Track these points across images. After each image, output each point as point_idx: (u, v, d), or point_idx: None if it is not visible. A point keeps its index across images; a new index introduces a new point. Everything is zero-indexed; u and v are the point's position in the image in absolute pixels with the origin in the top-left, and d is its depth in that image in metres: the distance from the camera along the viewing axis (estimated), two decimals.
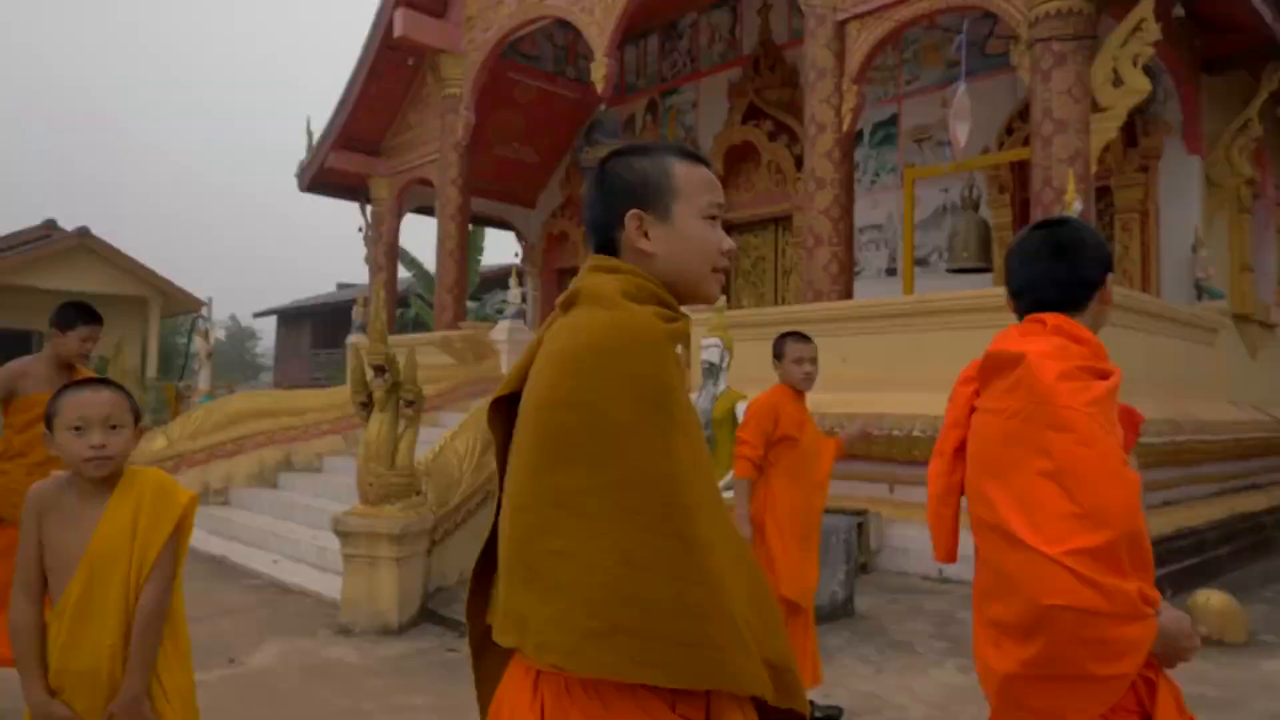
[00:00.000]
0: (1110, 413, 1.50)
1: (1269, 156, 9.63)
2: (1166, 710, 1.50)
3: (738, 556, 1.25)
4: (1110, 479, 1.43)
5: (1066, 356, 1.55)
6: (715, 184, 1.38)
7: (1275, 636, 5.01)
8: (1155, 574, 1.52)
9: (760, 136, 10.76)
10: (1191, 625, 1.48)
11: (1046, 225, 1.75)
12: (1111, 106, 6.54)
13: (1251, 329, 9.04)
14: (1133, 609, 1.40)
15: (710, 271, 1.35)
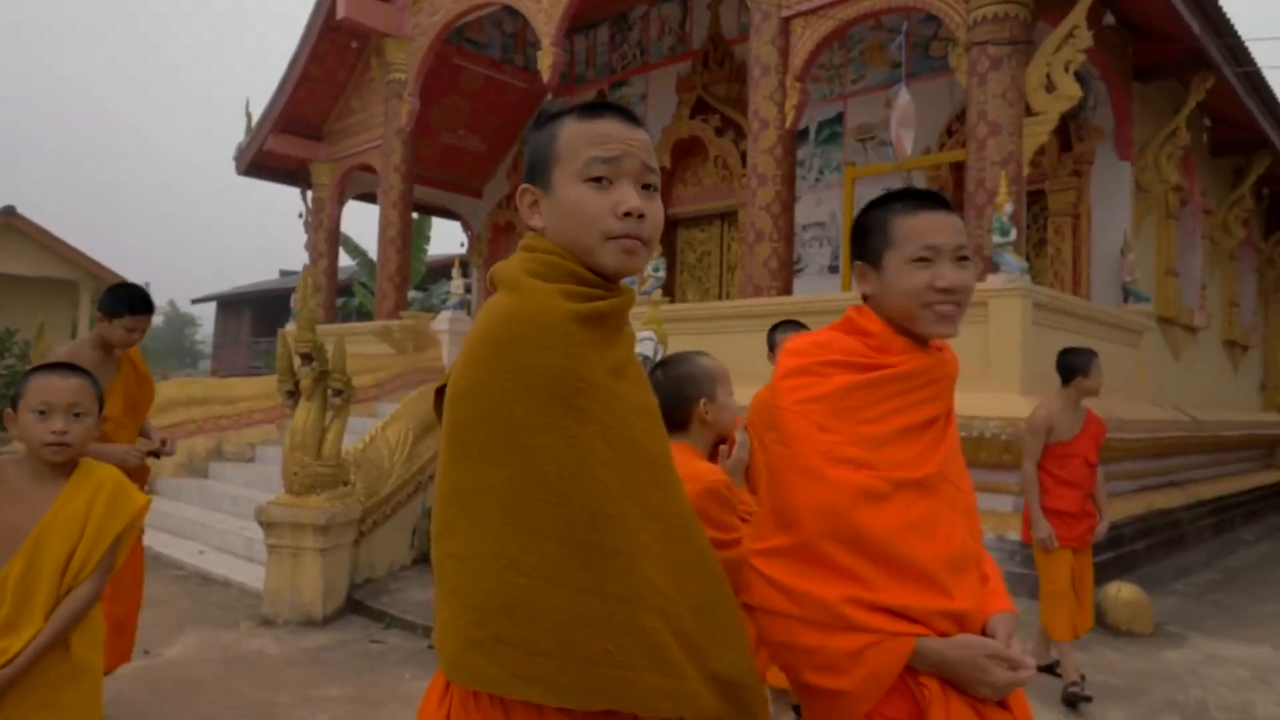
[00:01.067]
0: (848, 408, 1.39)
1: (1196, 164, 9.95)
2: None
3: (672, 563, 1.12)
4: (803, 479, 1.36)
5: (812, 352, 1.46)
6: (607, 135, 1.17)
7: (1180, 628, 5.19)
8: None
9: (708, 131, 10.78)
10: (992, 654, 1.29)
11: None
12: (1044, 111, 6.68)
13: (1175, 331, 9.33)
14: (831, 618, 1.30)
15: (603, 239, 1.16)
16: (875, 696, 1.30)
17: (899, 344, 1.45)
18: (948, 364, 1.49)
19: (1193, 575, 7.01)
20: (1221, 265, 10.97)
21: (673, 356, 2.14)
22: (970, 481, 1.51)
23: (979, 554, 1.45)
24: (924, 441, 1.42)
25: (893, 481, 1.36)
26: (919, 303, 1.42)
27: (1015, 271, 6.28)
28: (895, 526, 1.33)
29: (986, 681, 1.29)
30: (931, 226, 1.44)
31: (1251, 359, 12.26)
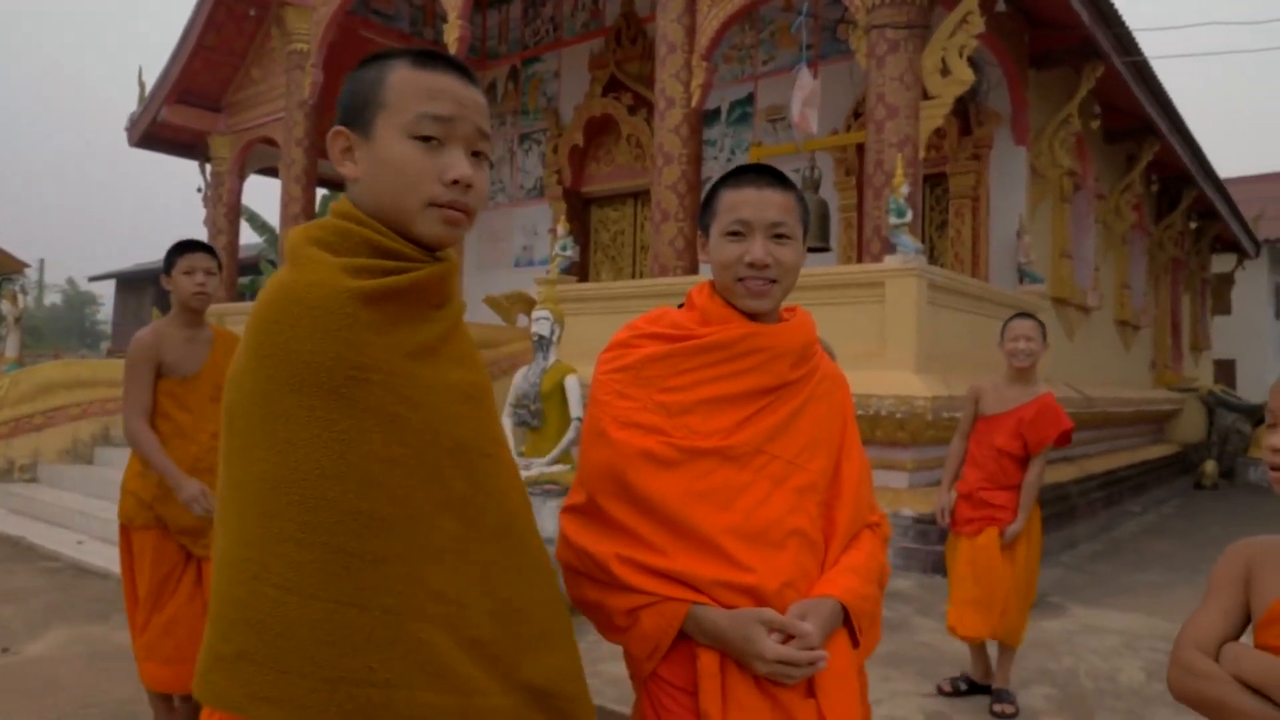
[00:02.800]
0: (649, 376, 1.40)
1: (1089, 150, 10.30)
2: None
3: (480, 565, 1.05)
4: (593, 440, 1.40)
5: (639, 326, 1.49)
6: (443, 91, 1.09)
7: (1061, 598, 5.40)
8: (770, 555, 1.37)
9: (620, 110, 10.69)
10: (764, 621, 1.28)
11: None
12: (940, 95, 6.80)
13: (1069, 312, 9.68)
14: (604, 575, 1.32)
15: (424, 206, 1.08)
16: (653, 657, 1.32)
17: (718, 316, 1.45)
18: (777, 336, 1.44)
19: (1079, 547, 7.30)
20: (1114, 248, 11.41)
21: None
22: (828, 462, 1.46)
23: (828, 534, 1.44)
24: (737, 412, 1.40)
25: (684, 449, 1.35)
26: (732, 276, 1.43)
27: (911, 252, 6.39)
28: (680, 492, 1.33)
29: (756, 653, 1.27)
30: (747, 201, 1.42)
31: (1142, 338, 12.82)
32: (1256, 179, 22.13)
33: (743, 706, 1.29)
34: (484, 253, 12.41)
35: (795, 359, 1.45)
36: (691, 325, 1.45)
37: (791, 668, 1.28)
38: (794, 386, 1.45)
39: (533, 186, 11.95)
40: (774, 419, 1.41)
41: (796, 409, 1.44)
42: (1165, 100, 10.32)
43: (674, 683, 1.32)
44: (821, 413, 1.47)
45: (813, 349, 1.50)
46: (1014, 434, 3.64)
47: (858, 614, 1.38)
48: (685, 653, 1.31)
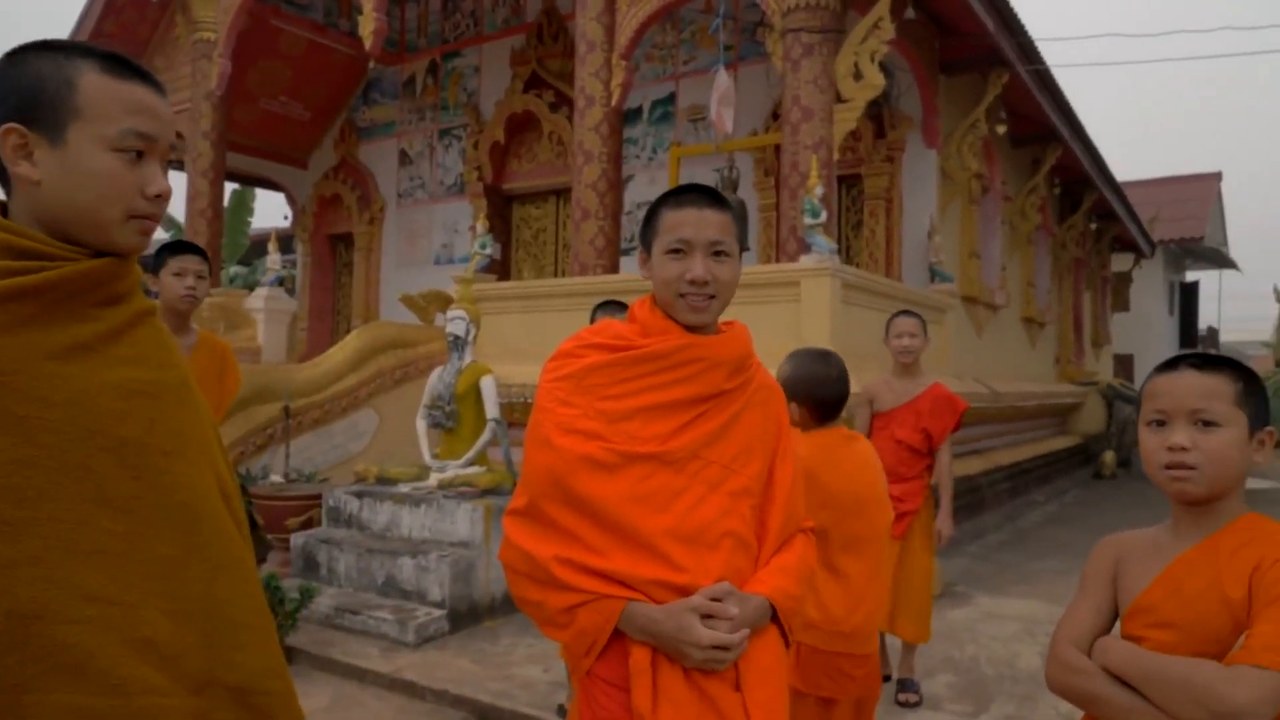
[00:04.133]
0: (591, 385, 1.48)
1: (996, 154, 10.67)
2: (640, 702, 1.37)
3: (153, 563, 1.02)
4: (537, 447, 1.48)
5: (583, 337, 1.57)
6: (148, 107, 1.10)
7: (967, 587, 5.59)
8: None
9: (542, 107, 10.62)
10: (695, 608, 1.36)
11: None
12: (852, 99, 6.94)
13: (977, 309, 10.01)
14: (544, 575, 1.41)
15: (125, 218, 1.09)
16: (590, 653, 1.41)
17: (657, 328, 1.54)
18: (713, 347, 1.53)
19: (986, 537, 7.57)
20: (1020, 248, 11.85)
21: None
22: (762, 467, 1.55)
23: (760, 537, 1.52)
24: (675, 419, 1.48)
25: (623, 454, 1.43)
26: (674, 292, 1.52)
27: (825, 252, 6.52)
28: (619, 496, 1.41)
29: (691, 640, 1.35)
30: (687, 221, 1.51)
31: (1047, 335, 13.36)
32: (1152, 183, 23.27)
33: (672, 700, 1.36)
34: (403, 250, 12.19)
35: (731, 369, 1.53)
36: (632, 336, 1.54)
37: (723, 652, 1.36)
38: (730, 395, 1.53)
39: (453, 183, 11.78)
40: (710, 426, 1.50)
41: (732, 416, 1.52)
42: (1066, 107, 10.76)
43: (609, 679, 1.41)
44: (756, 420, 1.55)
45: (749, 360, 1.58)
46: (914, 427, 3.79)
47: (786, 612, 1.47)
48: (620, 650, 1.40)
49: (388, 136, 12.45)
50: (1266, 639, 1.22)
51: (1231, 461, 1.33)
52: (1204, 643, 1.30)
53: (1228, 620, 1.29)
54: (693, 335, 1.52)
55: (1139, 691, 1.31)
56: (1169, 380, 1.38)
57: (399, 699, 3.82)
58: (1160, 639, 1.34)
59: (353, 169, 12.63)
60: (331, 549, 5.10)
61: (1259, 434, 1.35)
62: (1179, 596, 1.34)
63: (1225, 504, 1.37)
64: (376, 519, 5.25)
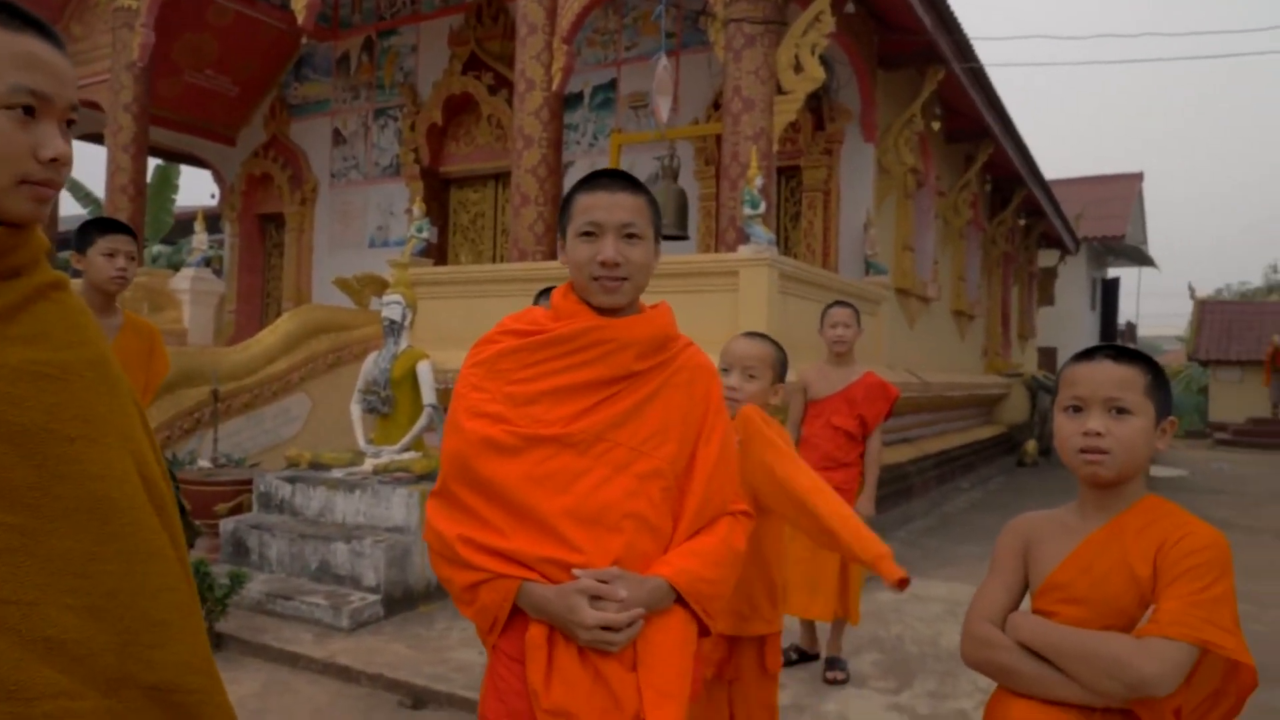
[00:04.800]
0: (501, 369, 1.52)
1: (931, 149, 10.91)
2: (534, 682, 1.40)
3: (59, 560, 0.96)
4: (450, 431, 1.53)
5: (505, 323, 1.60)
6: (42, 62, 1.00)
7: None
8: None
9: (481, 89, 10.48)
10: (583, 590, 1.38)
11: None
12: (793, 90, 7.03)
13: (910, 302, 10.26)
14: (452, 554, 1.46)
15: (15, 184, 1.00)
16: (493, 630, 1.46)
17: (568, 312, 1.56)
18: (622, 329, 1.52)
19: (914, 523, 7.79)
20: (952, 242, 12.17)
21: None
22: (679, 450, 1.54)
23: (678, 519, 1.52)
24: (581, 401, 1.50)
25: (524, 436, 1.46)
26: (587, 275, 1.53)
27: (763, 242, 6.60)
28: (519, 477, 1.44)
29: (578, 621, 1.37)
30: (598, 204, 1.52)
31: (976, 327, 13.75)
32: (1077, 181, 24.12)
33: (566, 677, 1.38)
34: (336, 232, 11.93)
35: (642, 350, 1.53)
36: (546, 322, 1.57)
37: (612, 633, 1.37)
38: (642, 377, 1.53)
39: (389, 164, 11.56)
40: (618, 408, 1.51)
41: (645, 398, 1.52)
42: (999, 106, 11.07)
43: (510, 654, 1.45)
44: (677, 402, 1.55)
45: (668, 342, 1.58)
46: (849, 414, 3.89)
47: (694, 595, 1.46)
48: (523, 626, 1.44)
49: (321, 114, 12.14)
50: (1173, 613, 1.30)
51: (1139, 448, 1.42)
52: (1112, 616, 1.37)
53: (1134, 596, 1.37)
54: (602, 318, 1.53)
55: (1050, 663, 1.38)
56: (1087, 369, 1.45)
57: (333, 684, 3.78)
58: (1071, 614, 1.41)
59: (284, 147, 12.29)
60: (263, 534, 5.00)
61: (1163, 423, 1.44)
62: (1089, 574, 1.41)
63: (1129, 487, 1.45)
64: (310, 504, 5.16)
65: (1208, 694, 1.37)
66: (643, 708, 1.37)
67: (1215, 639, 1.28)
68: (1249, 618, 5.08)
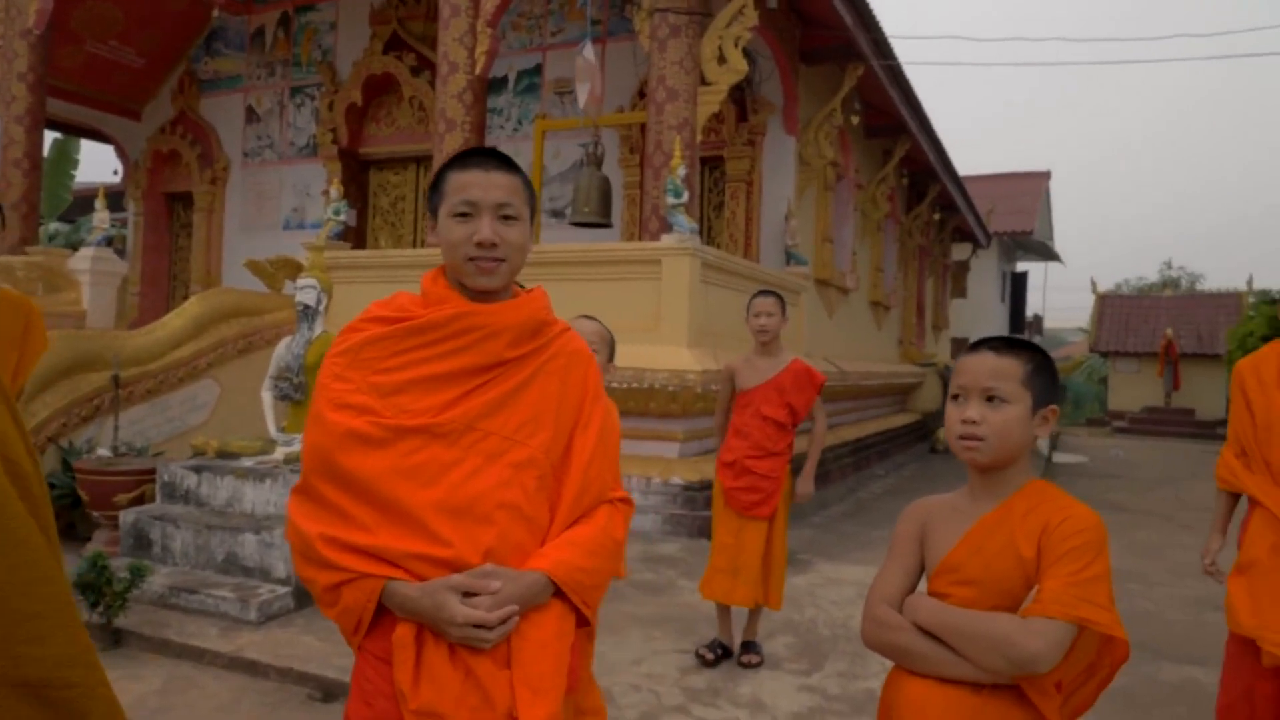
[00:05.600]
0: (366, 358, 1.45)
1: (851, 144, 11.15)
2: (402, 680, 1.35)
3: None
4: (311, 423, 1.46)
5: (371, 310, 1.53)
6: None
7: (810, 555, 5.88)
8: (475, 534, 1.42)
9: (403, 70, 10.25)
10: (453, 587, 1.34)
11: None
12: (716, 82, 7.09)
13: (829, 292, 10.48)
14: (313, 553, 1.39)
15: None
16: (358, 631, 1.40)
17: (436, 297, 1.50)
18: (492, 315, 1.46)
19: (830, 508, 7.98)
20: (870, 235, 12.46)
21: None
22: (554, 438, 1.49)
23: (554, 508, 1.48)
24: (449, 391, 1.44)
25: (390, 427, 1.40)
26: (461, 256, 1.47)
27: (686, 232, 6.64)
28: (384, 470, 1.38)
29: (447, 618, 1.33)
30: (474, 182, 1.46)
31: (892, 317, 14.13)
32: (989, 178, 24.94)
33: (435, 677, 1.34)
34: (249, 213, 11.53)
35: (514, 337, 1.48)
36: (413, 308, 1.50)
37: (484, 630, 1.33)
38: (514, 364, 1.49)
39: (305, 144, 11.22)
40: (489, 396, 1.46)
41: (518, 386, 1.48)
42: (915, 102, 11.35)
43: (377, 654, 1.40)
44: (551, 389, 1.51)
45: (542, 327, 1.53)
46: (778, 403, 3.91)
47: (571, 586, 1.42)
48: (390, 626, 1.38)
49: (233, 91, 11.70)
50: (1055, 593, 1.37)
51: (1013, 435, 1.48)
52: (1000, 597, 1.44)
53: (1020, 576, 1.43)
54: (471, 304, 1.48)
55: (945, 643, 1.44)
56: (969, 360, 1.52)
57: (239, 678, 3.68)
58: (963, 595, 1.47)
59: (193, 124, 11.80)
60: (166, 526, 4.82)
61: (1042, 411, 1.50)
62: (980, 556, 1.47)
63: (1014, 472, 1.51)
64: (217, 494, 4.99)
65: (1084, 667, 1.45)
66: (515, 705, 1.33)
67: (1092, 616, 1.35)
68: (1138, 595, 5.38)
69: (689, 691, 3.51)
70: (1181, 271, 40.40)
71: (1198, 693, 3.64)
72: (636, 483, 6.34)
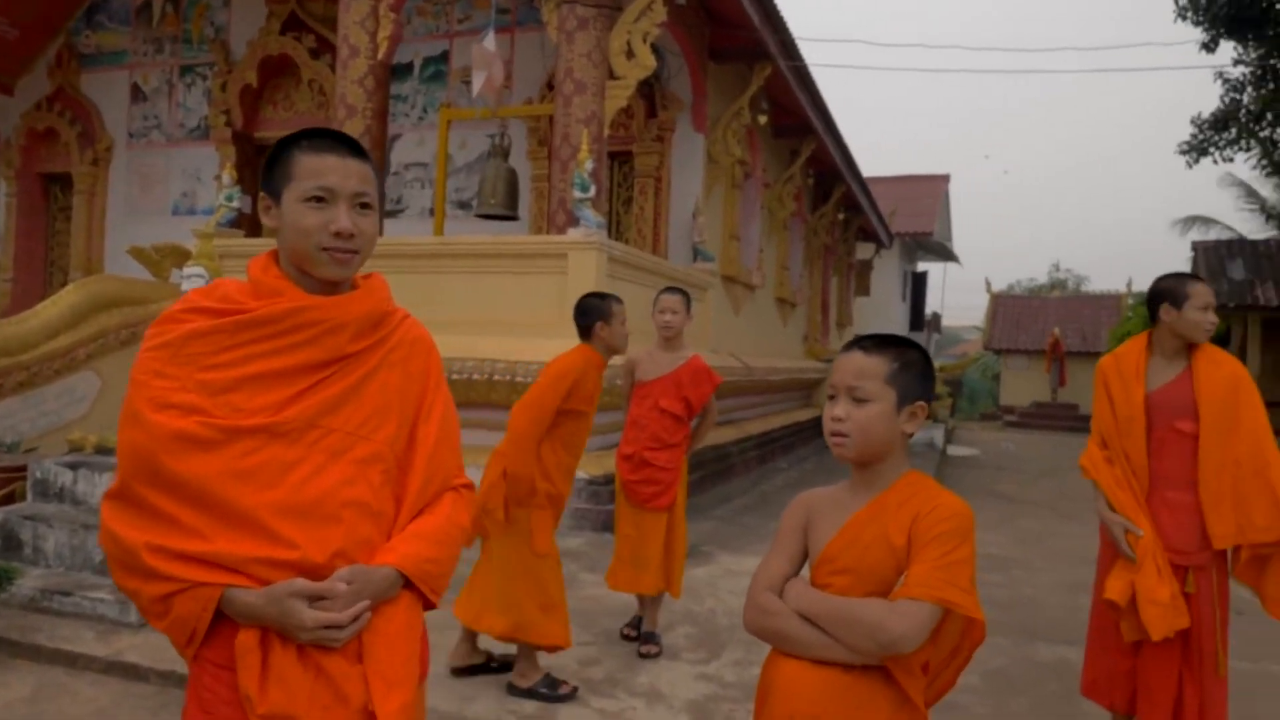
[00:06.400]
0: (191, 354, 1.36)
1: (759, 143, 11.33)
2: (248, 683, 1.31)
3: None
4: (127, 423, 1.36)
5: (190, 299, 1.42)
6: None
7: (712, 548, 5.97)
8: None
9: (301, 51, 9.92)
10: (296, 593, 1.30)
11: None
12: (624, 76, 7.09)
13: (736, 289, 10.64)
14: (137, 563, 1.31)
15: None
16: (192, 642, 1.33)
17: (269, 289, 1.41)
18: (334, 309, 1.41)
19: (732, 501, 8.11)
20: (776, 233, 12.70)
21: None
22: (398, 430, 1.47)
23: (400, 501, 1.46)
24: (288, 388, 1.38)
25: (224, 428, 1.33)
26: (314, 244, 1.40)
27: (593, 226, 6.63)
28: (219, 473, 1.31)
29: (296, 624, 1.30)
30: (331, 168, 1.41)
31: (797, 315, 14.45)
32: (892, 180, 25.75)
33: (284, 680, 1.30)
34: (135, 197, 10.96)
35: (357, 330, 1.44)
36: (242, 298, 1.41)
37: (336, 630, 1.31)
38: (357, 358, 1.44)
39: (196, 126, 10.74)
40: (331, 392, 1.41)
41: (360, 380, 1.44)
42: (821, 104, 11.62)
43: (217, 661, 1.34)
44: (394, 381, 1.48)
45: (384, 318, 1.49)
46: (675, 396, 4.01)
47: (420, 577, 1.42)
48: (229, 632, 1.32)
49: (117, 67, 11.09)
50: (920, 576, 1.43)
51: (875, 431, 1.53)
52: (874, 584, 1.49)
53: (892, 565, 1.49)
54: (311, 297, 1.41)
55: (820, 628, 1.49)
56: (840, 360, 1.58)
57: (117, 683, 3.51)
58: (840, 583, 1.52)
59: (72, 100, 11.14)
60: (38, 526, 4.55)
61: (909, 407, 1.54)
62: (855, 547, 1.53)
63: (889, 466, 1.57)
64: (95, 492, 4.74)
65: (950, 649, 1.51)
66: (370, 699, 1.33)
67: (954, 598, 1.42)
68: (1020, 581, 5.65)
69: (587, 683, 3.52)
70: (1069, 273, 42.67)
71: (1068, 671, 3.85)
72: None
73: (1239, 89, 14.83)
